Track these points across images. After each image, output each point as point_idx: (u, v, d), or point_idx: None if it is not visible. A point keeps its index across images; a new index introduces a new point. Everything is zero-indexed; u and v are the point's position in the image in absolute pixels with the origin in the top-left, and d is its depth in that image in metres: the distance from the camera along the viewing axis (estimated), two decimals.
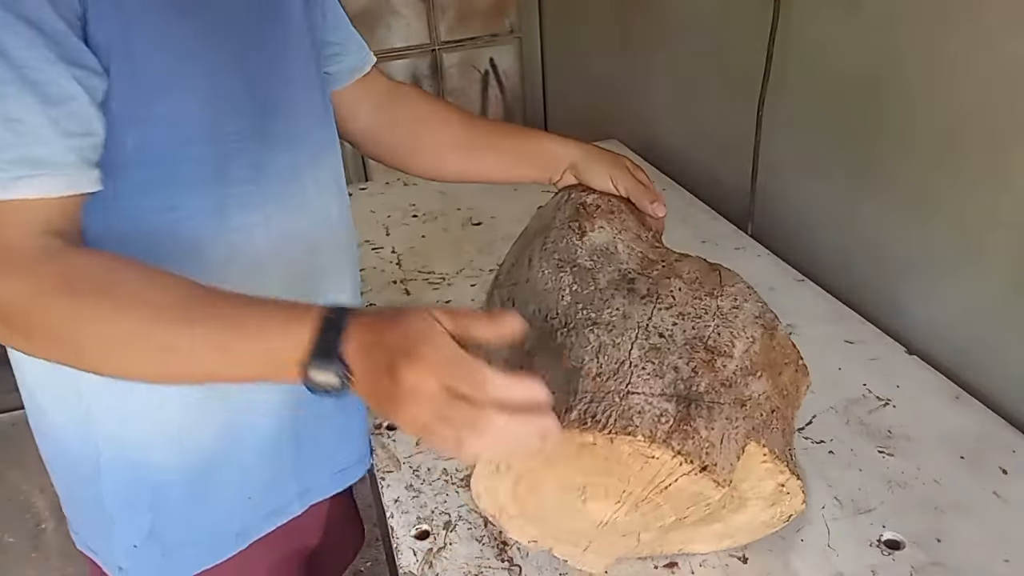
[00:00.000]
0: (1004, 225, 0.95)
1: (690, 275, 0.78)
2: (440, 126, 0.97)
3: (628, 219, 0.88)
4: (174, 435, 0.77)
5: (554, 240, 0.85)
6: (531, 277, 0.83)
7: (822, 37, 1.21)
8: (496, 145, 0.97)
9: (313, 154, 0.80)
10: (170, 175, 0.68)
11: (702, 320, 0.72)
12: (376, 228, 1.52)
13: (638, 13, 1.81)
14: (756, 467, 0.69)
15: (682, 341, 0.70)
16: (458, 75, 2.55)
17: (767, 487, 0.70)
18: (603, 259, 0.81)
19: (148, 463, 0.77)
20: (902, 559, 0.76)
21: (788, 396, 0.75)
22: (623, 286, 0.77)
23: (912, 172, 1.08)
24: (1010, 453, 0.89)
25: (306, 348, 0.57)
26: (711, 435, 0.64)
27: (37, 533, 1.99)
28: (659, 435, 0.62)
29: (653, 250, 0.85)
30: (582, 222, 0.85)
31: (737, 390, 0.69)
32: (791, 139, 1.32)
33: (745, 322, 0.73)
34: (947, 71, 1.00)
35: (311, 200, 0.80)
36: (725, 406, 0.67)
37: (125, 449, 0.77)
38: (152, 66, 0.64)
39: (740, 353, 0.71)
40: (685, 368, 0.68)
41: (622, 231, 0.85)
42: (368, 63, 0.95)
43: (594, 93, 2.19)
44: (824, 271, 1.27)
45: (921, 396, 0.98)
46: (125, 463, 0.77)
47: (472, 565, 0.78)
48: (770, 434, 0.69)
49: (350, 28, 0.92)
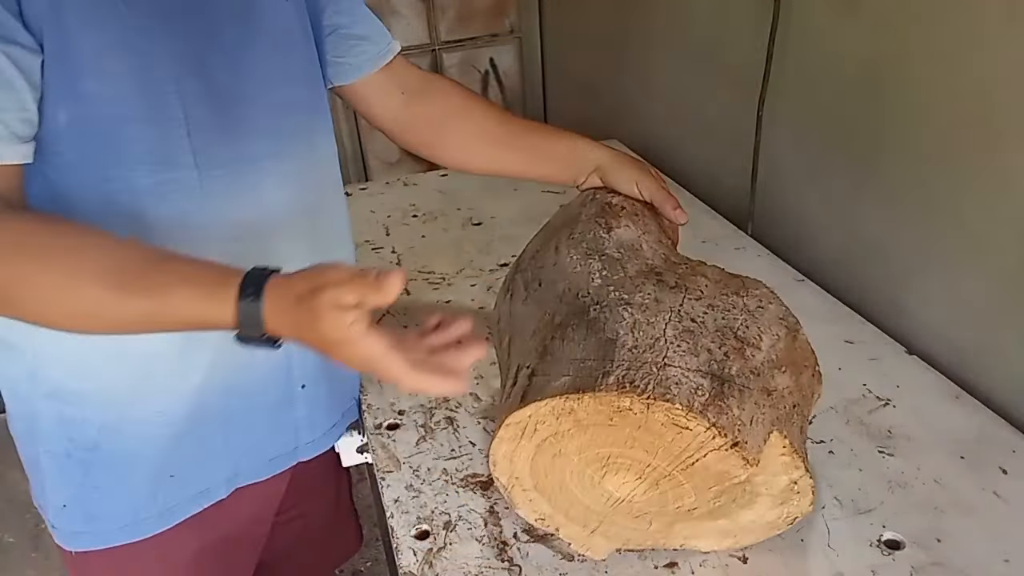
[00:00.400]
0: (1004, 225, 0.95)
1: (714, 276, 0.80)
2: (471, 119, 0.98)
3: (651, 223, 0.91)
4: (108, 396, 0.79)
5: (581, 232, 0.87)
6: (559, 261, 0.85)
7: (822, 37, 1.21)
8: (526, 143, 0.98)
9: (276, 148, 0.80)
10: (106, 152, 0.70)
11: (731, 313, 0.74)
12: (376, 228, 1.52)
13: (638, 13, 1.81)
14: (774, 459, 0.69)
15: (713, 328, 0.72)
16: (458, 75, 2.55)
17: (780, 483, 0.71)
18: (630, 252, 0.83)
19: (82, 422, 0.79)
20: (902, 559, 0.76)
21: (807, 397, 0.76)
22: (652, 276, 0.78)
23: (912, 172, 1.08)
24: (1010, 453, 0.89)
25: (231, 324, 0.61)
26: (742, 415, 0.65)
27: (37, 533, 1.99)
28: (696, 405, 0.64)
29: (674, 254, 0.87)
30: (608, 219, 0.87)
31: (764, 380, 0.70)
32: (791, 139, 1.32)
33: (771, 321, 0.75)
34: (947, 71, 1.00)
35: (266, 194, 0.80)
36: (754, 391, 0.68)
37: (63, 405, 0.79)
38: (81, 45, 0.66)
39: (767, 347, 0.72)
40: (718, 352, 0.69)
41: (646, 232, 0.87)
42: (391, 52, 0.96)
43: (594, 93, 2.19)
44: (824, 271, 1.27)
45: (921, 396, 0.98)
46: (60, 421, 0.79)
47: (472, 565, 0.78)
48: (791, 428, 0.70)
49: (372, 19, 0.94)
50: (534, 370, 0.72)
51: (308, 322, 0.59)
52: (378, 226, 1.52)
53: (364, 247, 1.44)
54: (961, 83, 0.98)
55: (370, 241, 1.46)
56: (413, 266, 1.37)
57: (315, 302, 0.58)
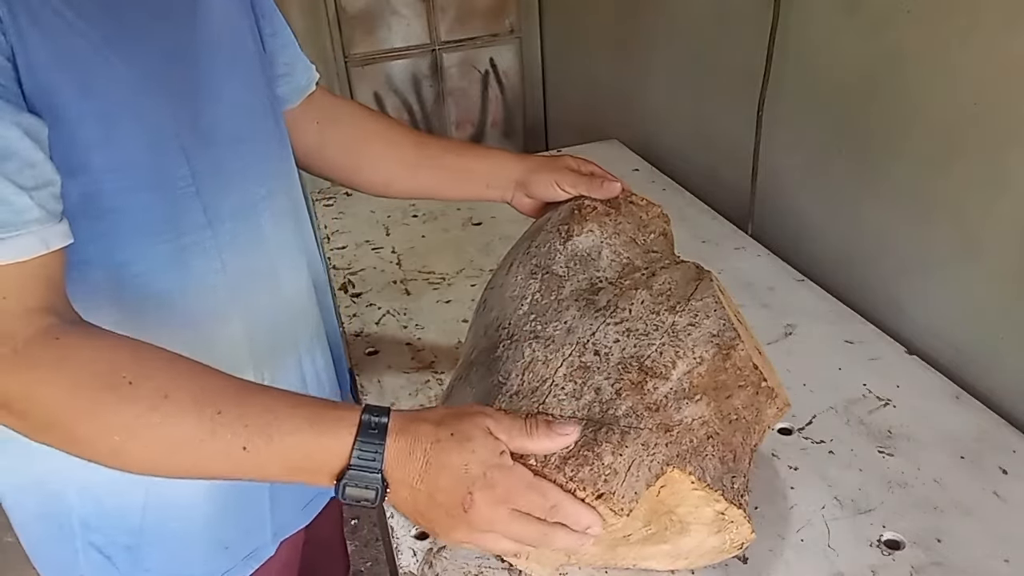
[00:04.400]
0: (1004, 225, 0.95)
1: (664, 286, 0.75)
2: (385, 143, 0.95)
3: (625, 222, 0.86)
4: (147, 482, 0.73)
5: (539, 244, 0.83)
6: (505, 282, 0.82)
7: (822, 37, 1.21)
8: (442, 163, 0.95)
9: (268, 187, 0.77)
10: (120, 226, 0.65)
11: (649, 337, 0.70)
12: (376, 228, 1.52)
13: (638, 13, 1.81)
14: (688, 493, 0.66)
15: (617, 360, 0.69)
16: (458, 75, 2.55)
17: (706, 513, 0.67)
18: (579, 266, 0.79)
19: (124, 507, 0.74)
20: (902, 559, 0.76)
21: (739, 421, 0.71)
22: (584, 296, 0.76)
23: (912, 172, 1.08)
24: (1010, 453, 0.89)
25: (344, 461, 0.56)
26: (616, 461, 0.62)
27: None
28: (552, 460, 0.62)
29: (644, 255, 0.82)
30: (572, 225, 0.83)
31: (665, 414, 0.66)
32: (791, 139, 1.32)
33: (696, 341, 0.70)
34: (947, 71, 1.00)
35: (268, 236, 0.77)
36: (644, 431, 0.65)
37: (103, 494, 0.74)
38: (82, 117, 0.60)
39: (679, 375, 0.69)
40: (608, 390, 0.67)
41: (614, 235, 0.83)
42: (314, 80, 0.93)
43: (594, 93, 2.19)
44: (824, 271, 1.27)
45: (921, 396, 0.98)
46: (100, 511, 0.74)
47: (472, 565, 0.78)
48: (701, 461, 0.66)
49: (296, 47, 0.90)
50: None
51: (449, 447, 0.56)
52: (378, 226, 1.52)
53: (364, 247, 1.44)
54: (961, 83, 0.98)
55: (370, 241, 1.46)
56: (413, 266, 1.37)
57: (465, 422, 0.58)
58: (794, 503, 0.83)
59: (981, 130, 0.96)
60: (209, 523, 0.79)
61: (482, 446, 0.57)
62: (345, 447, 0.56)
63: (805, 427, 0.94)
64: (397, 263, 1.38)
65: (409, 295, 1.28)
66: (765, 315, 1.15)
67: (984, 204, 0.98)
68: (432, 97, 2.55)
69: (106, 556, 0.76)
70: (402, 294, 1.29)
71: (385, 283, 1.32)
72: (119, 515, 0.75)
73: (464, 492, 0.56)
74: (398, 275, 1.34)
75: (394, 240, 1.47)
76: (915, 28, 1.04)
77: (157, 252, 0.67)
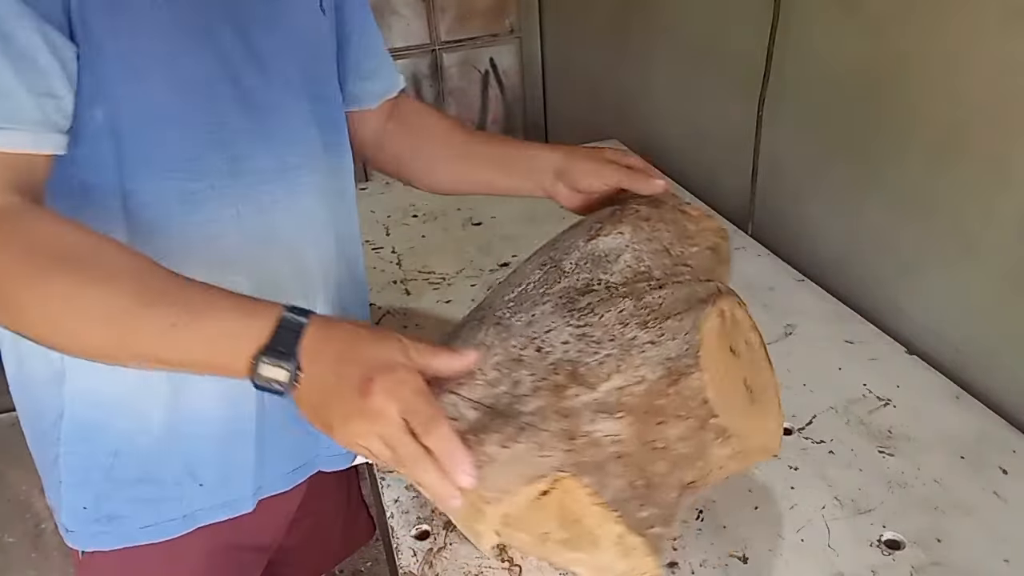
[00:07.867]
0: (1004, 225, 0.95)
1: (656, 301, 0.73)
2: (437, 135, 0.98)
3: (665, 230, 0.82)
4: (139, 404, 0.77)
5: (564, 239, 0.84)
6: (522, 266, 0.83)
7: (822, 37, 1.21)
8: (486, 154, 0.97)
9: (307, 157, 0.81)
10: (140, 151, 0.69)
11: (599, 346, 0.70)
12: (376, 228, 1.52)
13: (638, 13, 1.81)
14: (589, 506, 0.62)
15: (552, 361, 0.69)
16: (458, 75, 2.55)
17: (610, 532, 0.63)
18: (588, 265, 0.78)
19: (107, 427, 0.78)
20: (902, 559, 0.76)
21: (664, 451, 0.66)
22: (569, 295, 0.75)
23: (912, 172, 1.08)
24: (1010, 453, 0.89)
25: (263, 340, 0.58)
26: (500, 452, 0.62)
27: (37, 533, 1.99)
28: None
29: (671, 267, 0.78)
30: (604, 224, 0.81)
31: (573, 423, 0.65)
32: (791, 139, 1.32)
33: (646, 360, 0.68)
34: (947, 71, 1.00)
35: (297, 204, 0.80)
36: (544, 433, 0.64)
37: (88, 409, 0.77)
38: (111, 50, 0.65)
39: (609, 388, 0.67)
40: (527, 386, 0.67)
41: (646, 240, 0.80)
42: (394, 88, 0.98)
43: (594, 93, 2.19)
44: (824, 271, 1.27)
45: (921, 396, 0.98)
46: (85, 424, 0.78)
47: (472, 565, 0.78)
48: (603, 477, 0.63)
49: (385, 56, 0.96)
50: None
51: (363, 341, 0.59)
52: (378, 226, 1.52)
53: (364, 247, 1.44)
54: (961, 83, 0.98)
55: (370, 241, 1.46)
56: (413, 266, 1.37)
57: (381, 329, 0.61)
58: (794, 503, 0.83)
59: (981, 130, 0.96)
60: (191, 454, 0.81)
61: (392, 347, 0.60)
62: (267, 327, 0.59)
63: (805, 427, 0.94)
64: (397, 263, 1.38)
65: (409, 295, 1.28)
66: (765, 315, 1.15)
67: (984, 204, 0.98)
68: (432, 97, 2.55)
69: (83, 467, 0.80)
70: (402, 294, 1.29)
71: (385, 283, 1.32)
72: (105, 431, 0.78)
73: (366, 376, 0.57)
74: (398, 275, 1.34)
75: (394, 240, 1.47)
76: (915, 28, 1.04)
77: (167, 187, 0.71)
